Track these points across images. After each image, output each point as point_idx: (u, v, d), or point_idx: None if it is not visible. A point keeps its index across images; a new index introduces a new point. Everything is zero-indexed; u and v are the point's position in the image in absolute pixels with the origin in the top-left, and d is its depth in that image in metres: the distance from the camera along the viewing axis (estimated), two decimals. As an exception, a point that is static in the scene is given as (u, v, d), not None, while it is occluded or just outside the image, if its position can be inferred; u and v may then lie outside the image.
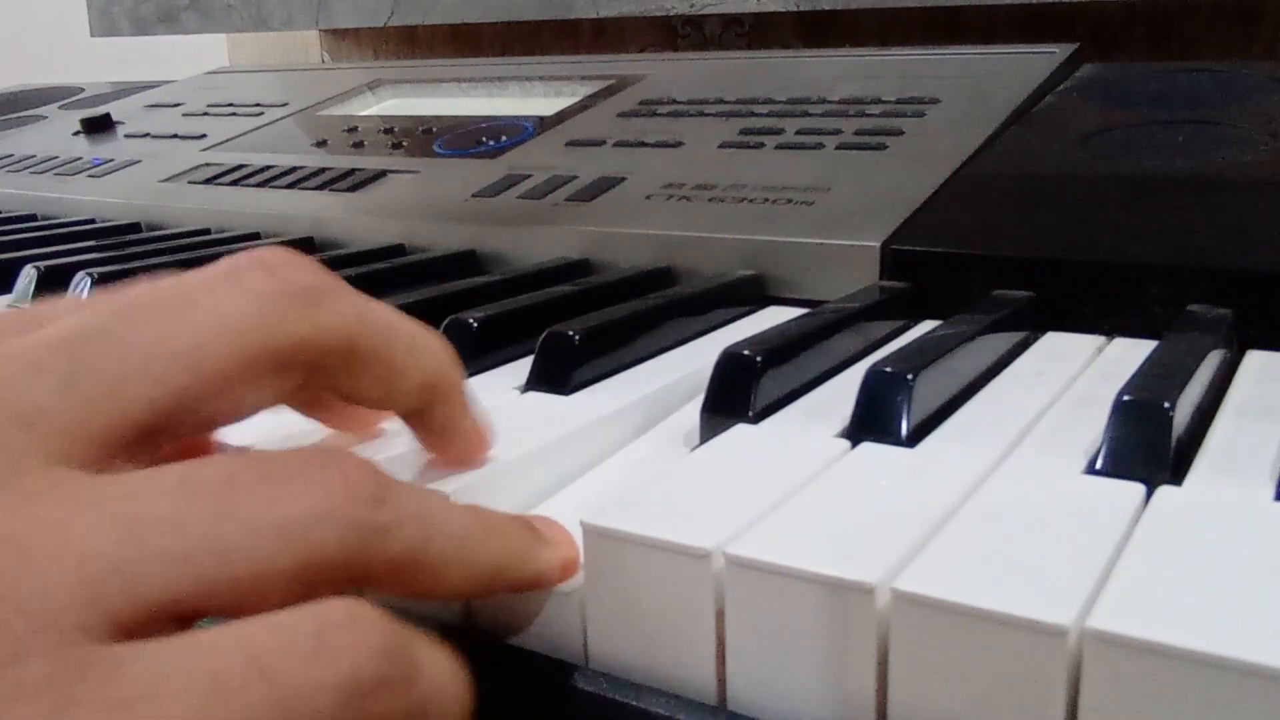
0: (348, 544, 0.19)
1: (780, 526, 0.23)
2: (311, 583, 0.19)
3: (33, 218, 0.76)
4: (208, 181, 0.71)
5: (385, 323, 0.24)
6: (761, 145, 0.57)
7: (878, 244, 0.45)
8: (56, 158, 0.85)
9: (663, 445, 0.32)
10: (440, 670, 0.20)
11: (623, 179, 0.57)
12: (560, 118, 0.69)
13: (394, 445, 0.29)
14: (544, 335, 0.37)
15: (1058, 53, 0.64)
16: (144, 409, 0.20)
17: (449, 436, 0.27)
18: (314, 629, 0.18)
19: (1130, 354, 0.37)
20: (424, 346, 0.25)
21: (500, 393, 0.36)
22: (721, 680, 0.23)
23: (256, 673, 0.17)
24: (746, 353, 0.33)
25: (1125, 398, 0.27)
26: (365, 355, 0.23)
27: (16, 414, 0.18)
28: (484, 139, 0.68)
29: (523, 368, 0.37)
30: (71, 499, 0.18)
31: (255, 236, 0.63)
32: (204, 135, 0.82)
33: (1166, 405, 0.27)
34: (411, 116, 0.78)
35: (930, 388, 0.31)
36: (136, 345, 0.20)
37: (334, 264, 0.54)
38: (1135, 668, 0.18)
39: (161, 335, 0.20)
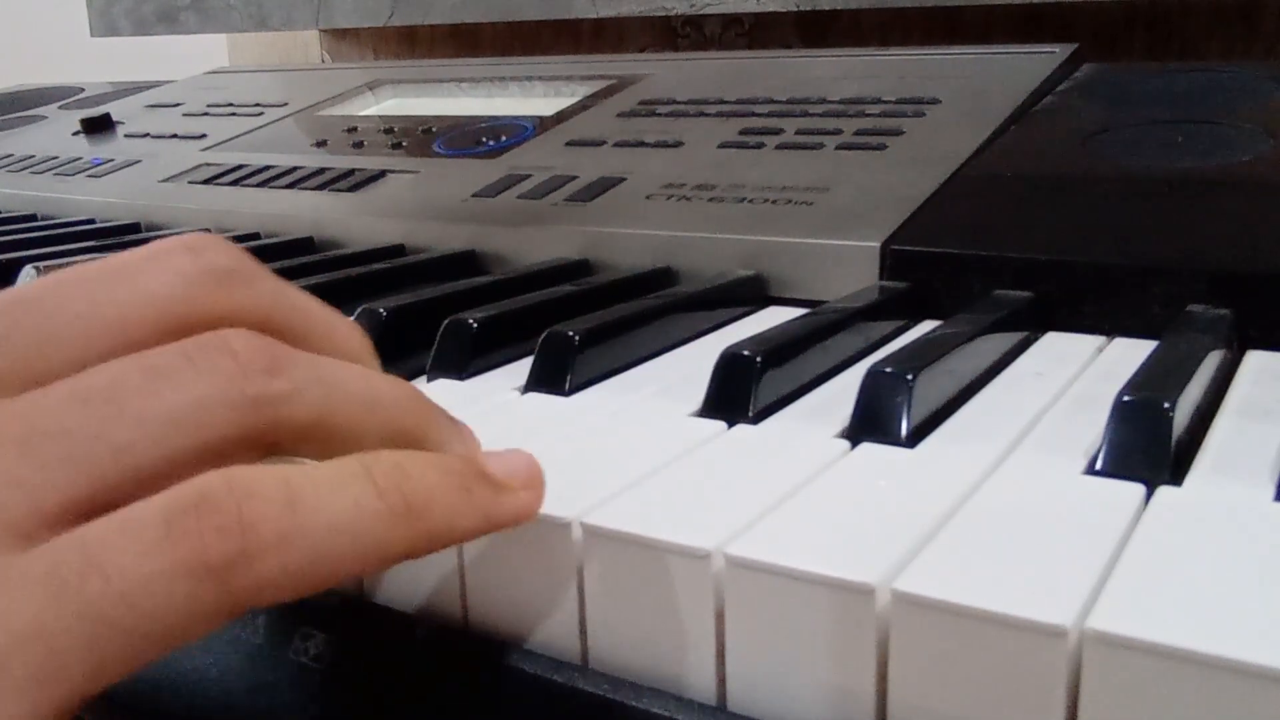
0: (245, 419, 0.20)
1: (780, 527, 0.23)
2: (222, 461, 0.19)
3: (33, 218, 0.76)
4: (208, 181, 0.71)
5: (301, 305, 0.25)
6: (761, 145, 0.57)
7: (878, 244, 0.45)
8: (56, 158, 0.85)
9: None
10: (305, 508, 0.20)
11: (623, 179, 0.57)
12: (560, 118, 0.69)
13: None
14: (544, 336, 0.37)
15: (1058, 53, 0.64)
16: (67, 368, 0.21)
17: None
18: (160, 517, 0.18)
19: (1130, 354, 0.37)
20: (342, 330, 0.25)
21: (500, 393, 0.36)
22: (721, 680, 0.23)
23: (93, 569, 0.17)
24: (746, 353, 0.33)
25: (1125, 398, 0.27)
26: (280, 334, 0.23)
27: None
28: (484, 139, 0.68)
29: (523, 368, 0.37)
30: None
31: (255, 236, 0.63)
32: (204, 135, 0.82)
33: (1166, 405, 0.27)
34: (411, 116, 0.78)
35: (930, 388, 0.31)
36: (64, 312, 0.21)
37: (334, 264, 0.54)
38: (1135, 668, 0.18)
39: (90, 304, 0.21)
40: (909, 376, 0.30)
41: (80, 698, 0.18)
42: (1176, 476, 0.26)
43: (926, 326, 0.42)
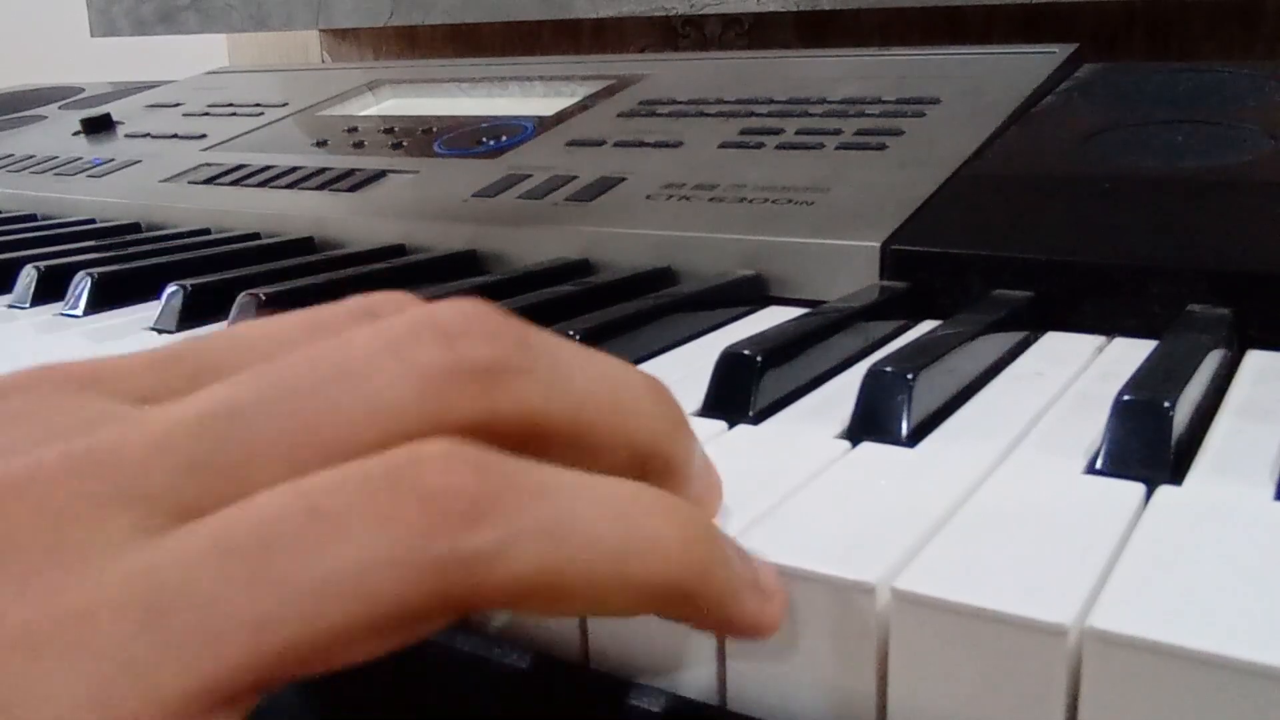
0: (426, 586, 0.15)
1: (781, 526, 0.23)
2: (393, 633, 0.16)
3: (33, 218, 0.76)
4: (208, 181, 0.71)
5: (581, 399, 0.19)
6: (761, 145, 0.57)
7: (878, 244, 0.45)
8: (56, 158, 0.85)
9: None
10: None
11: (623, 179, 0.57)
12: (560, 118, 0.69)
13: None
14: (544, 335, 0.36)
15: (1058, 53, 0.64)
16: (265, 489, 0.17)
17: None
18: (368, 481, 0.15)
19: (1130, 354, 0.37)
20: (635, 412, 0.20)
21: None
22: (722, 680, 0.23)
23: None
24: (746, 352, 0.33)
25: (1125, 398, 0.27)
26: (550, 439, 0.18)
27: (128, 497, 0.16)
28: (484, 139, 0.68)
29: (523, 367, 0.37)
30: (101, 582, 0.15)
31: (255, 236, 0.63)
32: (204, 135, 0.82)
33: (1166, 405, 0.27)
34: (411, 116, 0.78)
35: (930, 388, 0.31)
36: (273, 430, 0.17)
37: (334, 264, 0.54)
38: (1135, 667, 0.18)
39: (306, 421, 0.17)
40: (909, 376, 0.30)
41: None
42: (1176, 476, 0.26)
43: (926, 326, 0.42)
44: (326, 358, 0.18)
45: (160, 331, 0.46)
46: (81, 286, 0.50)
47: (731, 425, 0.31)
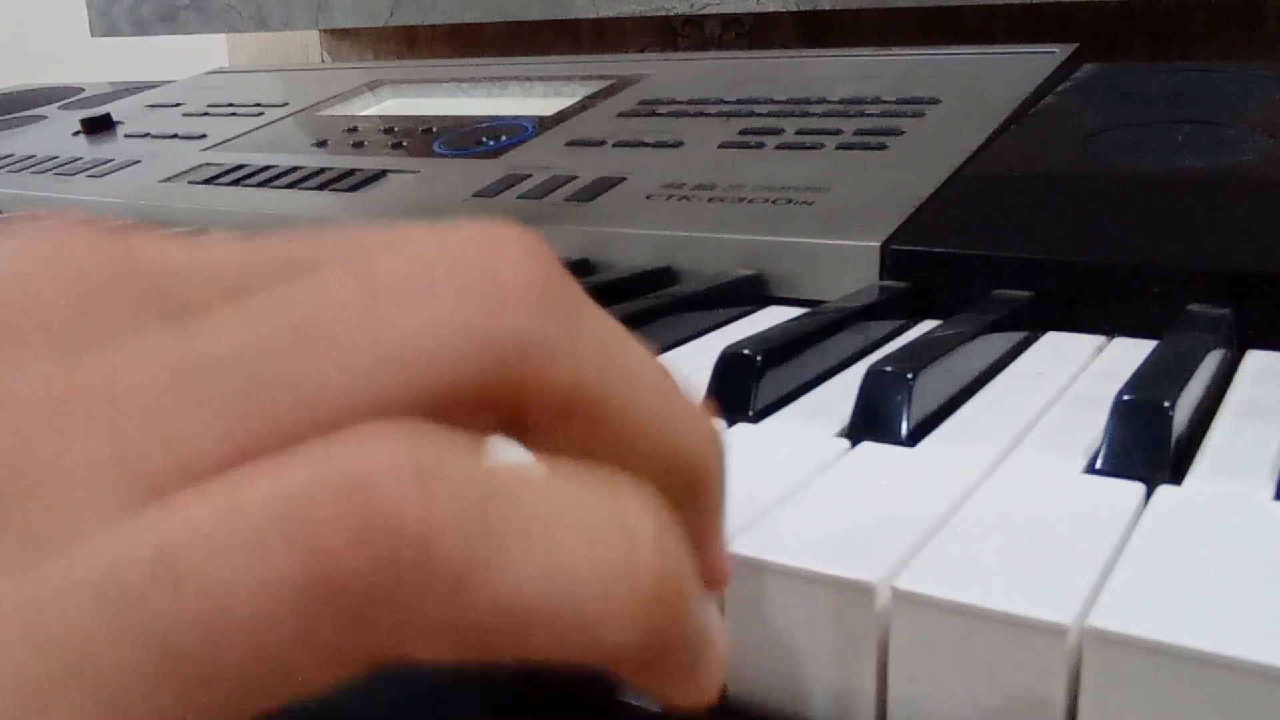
0: (487, 362, 0.14)
1: (780, 525, 0.23)
2: (441, 421, 0.14)
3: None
4: (208, 181, 0.71)
5: (630, 369, 0.16)
6: (761, 145, 0.57)
7: (878, 244, 0.45)
8: (56, 158, 0.85)
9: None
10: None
11: (623, 179, 0.57)
12: (560, 118, 0.69)
13: None
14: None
15: (1058, 53, 0.64)
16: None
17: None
18: (281, 492, 0.12)
19: (1130, 354, 0.37)
20: (682, 416, 0.17)
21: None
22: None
23: (163, 572, 0.12)
24: (746, 352, 0.33)
25: (1125, 398, 0.27)
26: (589, 412, 0.15)
27: (162, 299, 0.15)
28: (484, 139, 0.68)
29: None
30: (134, 349, 0.14)
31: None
32: (204, 135, 0.82)
33: (1166, 405, 0.27)
34: (411, 116, 0.78)
35: (930, 387, 0.31)
36: (299, 374, 0.14)
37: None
38: (1135, 667, 0.18)
39: (333, 363, 0.14)
40: (909, 376, 0.30)
41: None
42: (1176, 476, 0.26)
43: (926, 326, 0.42)
44: (361, 284, 0.15)
45: (160, 331, 0.46)
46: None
47: (731, 424, 0.31)
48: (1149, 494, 0.25)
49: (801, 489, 0.25)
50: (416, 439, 0.13)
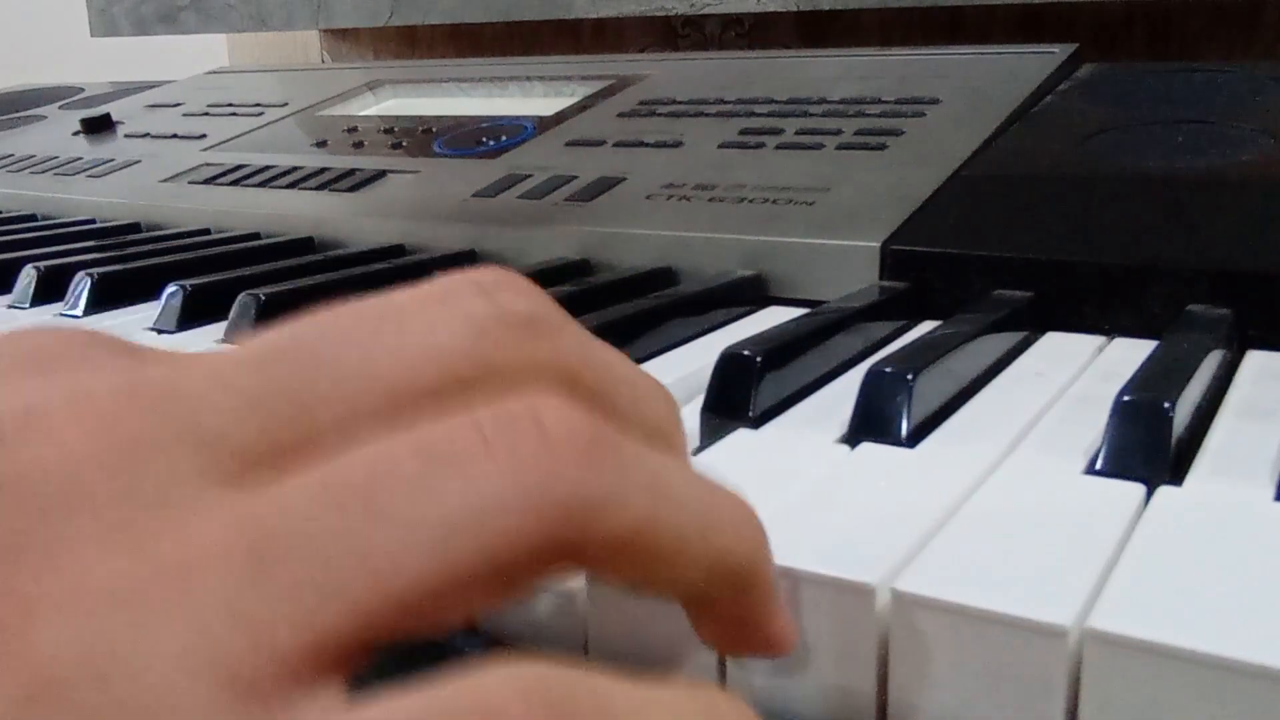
0: (548, 527, 0.15)
1: (780, 526, 0.23)
2: (507, 581, 0.15)
3: (33, 218, 0.76)
4: (208, 181, 0.71)
5: (607, 364, 0.19)
6: (761, 145, 0.57)
7: (878, 244, 0.45)
8: (56, 158, 0.85)
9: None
10: None
11: (623, 179, 0.57)
12: (560, 118, 0.69)
13: None
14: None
15: (1058, 53, 0.64)
16: (330, 433, 0.16)
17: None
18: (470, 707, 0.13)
19: (1130, 354, 0.37)
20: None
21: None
22: (721, 680, 0.23)
23: None
24: (746, 353, 0.33)
25: (1125, 398, 0.27)
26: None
27: (190, 434, 0.15)
28: (484, 139, 0.68)
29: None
30: (202, 530, 0.14)
31: (255, 236, 0.63)
32: (204, 135, 0.82)
33: (1166, 405, 0.27)
34: (411, 116, 0.78)
35: (930, 388, 0.31)
36: (329, 366, 0.16)
37: (334, 264, 0.54)
38: (1135, 668, 0.18)
39: (361, 357, 0.17)
40: (909, 376, 0.30)
41: None
42: (1176, 476, 0.26)
43: (926, 326, 0.42)
44: (373, 308, 0.18)
45: (160, 332, 0.46)
46: (81, 287, 0.50)
47: (731, 425, 0.31)
48: (1149, 495, 0.25)
49: (801, 490, 0.25)
50: (539, 670, 0.13)
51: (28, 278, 0.53)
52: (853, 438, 0.29)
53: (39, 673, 0.12)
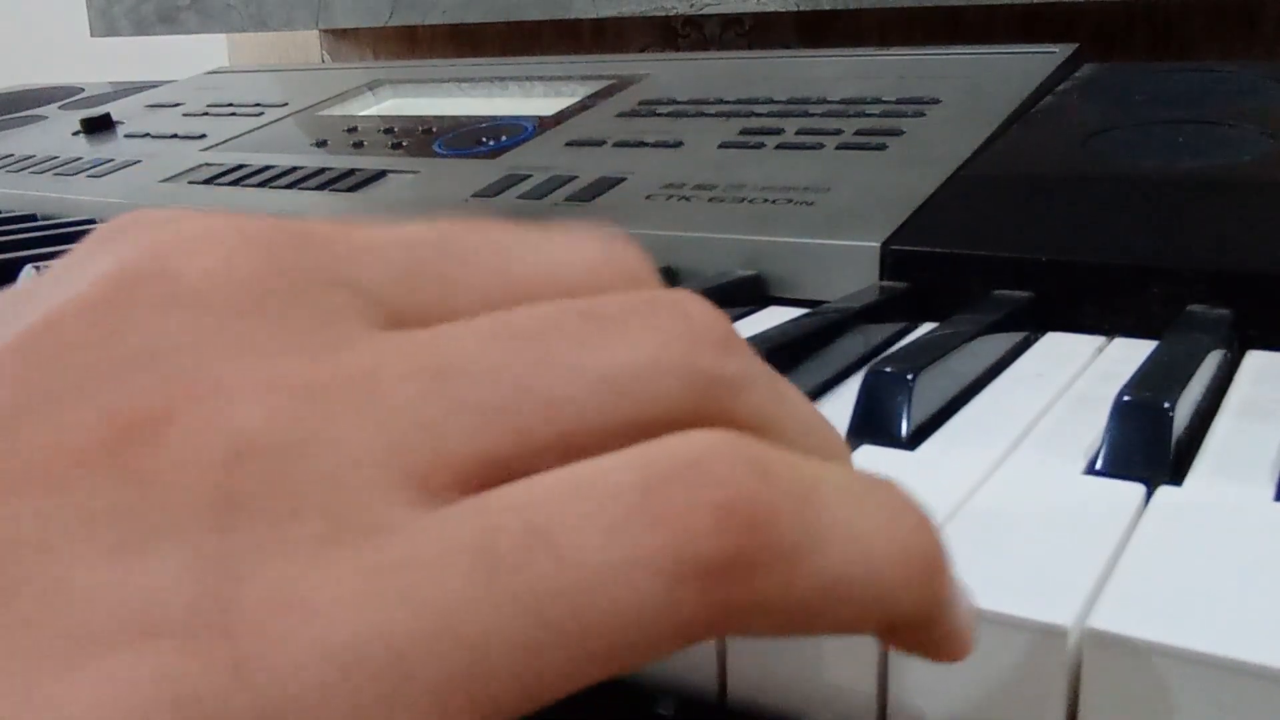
0: (689, 397, 0.15)
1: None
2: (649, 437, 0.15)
3: (33, 218, 0.76)
4: (208, 181, 0.71)
5: (792, 401, 0.18)
6: (761, 145, 0.57)
7: (878, 244, 0.45)
8: (56, 158, 0.85)
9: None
10: (840, 523, 0.14)
11: (623, 179, 0.57)
12: (560, 118, 0.69)
13: None
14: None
15: (1058, 53, 0.64)
16: (468, 310, 0.17)
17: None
18: (637, 481, 0.13)
19: (1130, 354, 0.37)
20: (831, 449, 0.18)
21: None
22: (723, 681, 0.23)
23: (540, 544, 0.13)
24: (747, 353, 0.33)
25: (1125, 398, 0.27)
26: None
27: (347, 281, 0.16)
28: (484, 139, 0.68)
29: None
30: (380, 350, 0.15)
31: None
32: (204, 135, 0.82)
33: (1166, 405, 0.27)
34: (411, 116, 0.78)
35: (930, 389, 0.31)
36: (478, 261, 0.17)
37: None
38: (1135, 668, 0.18)
39: (500, 260, 0.18)
40: (909, 377, 0.30)
41: None
42: (1176, 476, 0.26)
43: (927, 327, 0.42)
44: (510, 228, 0.18)
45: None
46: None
47: (731, 426, 0.31)
48: (1149, 495, 0.25)
49: (801, 490, 0.25)
50: (743, 437, 0.14)
51: (28, 278, 0.53)
52: (853, 439, 0.29)
53: (235, 440, 0.13)
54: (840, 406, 0.32)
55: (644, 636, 0.13)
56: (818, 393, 0.34)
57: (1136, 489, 0.25)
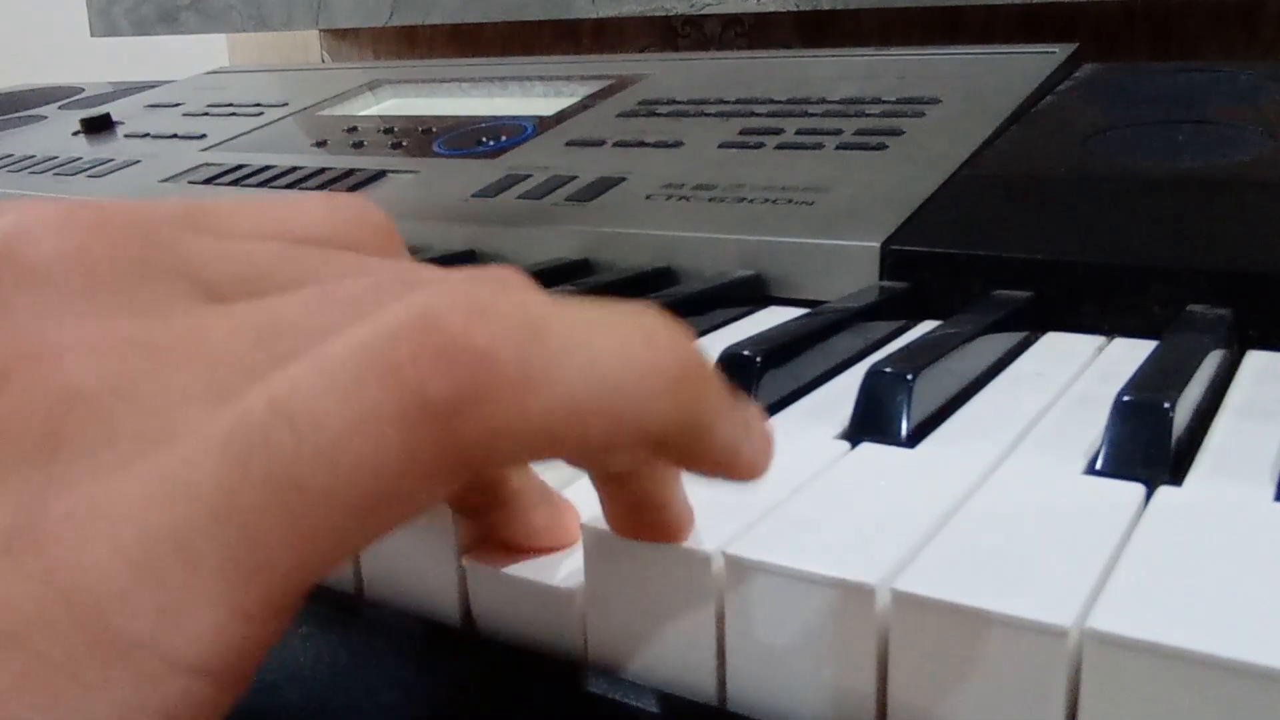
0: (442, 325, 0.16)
1: (780, 527, 0.23)
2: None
3: (33, 218, 0.76)
4: (208, 181, 0.71)
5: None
6: (761, 145, 0.57)
7: (878, 244, 0.45)
8: (56, 158, 0.85)
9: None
10: (572, 348, 0.16)
11: (623, 179, 0.56)
12: (560, 118, 0.69)
13: None
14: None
15: (1058, 53, 0.64)
16: (277, 287, 0.19)
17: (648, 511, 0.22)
18: (362, 344, 0.15)
19: (1130, 354, 0.37)
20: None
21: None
22: (721, 681, 0.23)
23: (279, 419, 0.14)
24: (746, 353, 0.33)
25: (1125, 398, 0.27)
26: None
27: (176, 263, 0.18)
28: (484, 139, 0.68)
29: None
30: (207, 313, 0.17)
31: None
32: (204, 135, 0.82)
33: (1166, 405, 0.27)
34: (411, 116, 0.78)
35: (930, 388, 0.31)
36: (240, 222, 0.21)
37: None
38: (1135, 668, 0.18)
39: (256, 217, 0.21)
40: (909, 376, 0.30)
41: (294, 590, 0.14)
42: (1176, 476, 0.26)
43: (926, 326, 0.42)
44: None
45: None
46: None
47: (731, 426, 0.31)
48: (1149, 495, 0.25)
49: (801, 490, 0.25)
50: (471, 283, 0.16)
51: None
52: (852, 437, 0.29)
53: (66, 386, 0.15)
54: (840, 406, 0.32)
55: (395, 485, 0.14)
56: (815, 389, 0.34)
57: (1136, 489, 0.25)
